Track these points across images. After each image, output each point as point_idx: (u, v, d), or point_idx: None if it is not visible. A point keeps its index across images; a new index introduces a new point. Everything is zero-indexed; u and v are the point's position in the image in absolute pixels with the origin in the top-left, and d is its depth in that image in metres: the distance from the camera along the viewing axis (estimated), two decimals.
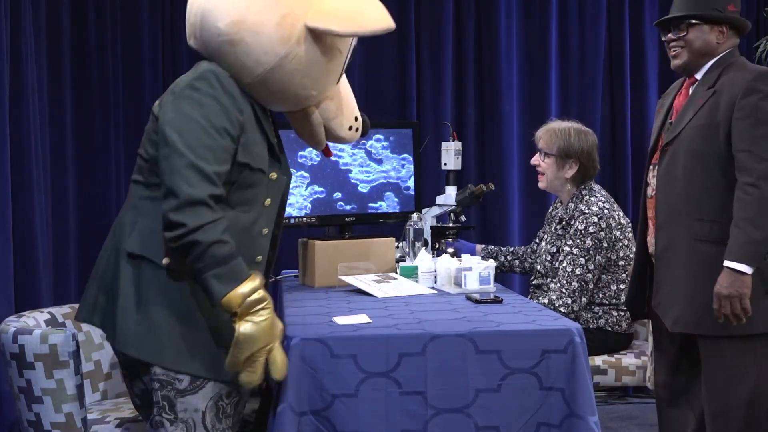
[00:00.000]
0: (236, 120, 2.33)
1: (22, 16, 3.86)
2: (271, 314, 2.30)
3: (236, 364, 2.26)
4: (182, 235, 2.21)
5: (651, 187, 2.98)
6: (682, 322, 2.86)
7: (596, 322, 3.60)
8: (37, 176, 3.95)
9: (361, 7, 2.39)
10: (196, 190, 2.22)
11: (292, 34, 2.35)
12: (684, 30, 2.89)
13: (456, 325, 2.60)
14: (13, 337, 2.58)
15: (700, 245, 2.82)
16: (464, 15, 4.97)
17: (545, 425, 2.50)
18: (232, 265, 2.25)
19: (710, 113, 2.81)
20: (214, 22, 2.37)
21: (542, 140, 3.75)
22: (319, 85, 2.49)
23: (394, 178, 3.72)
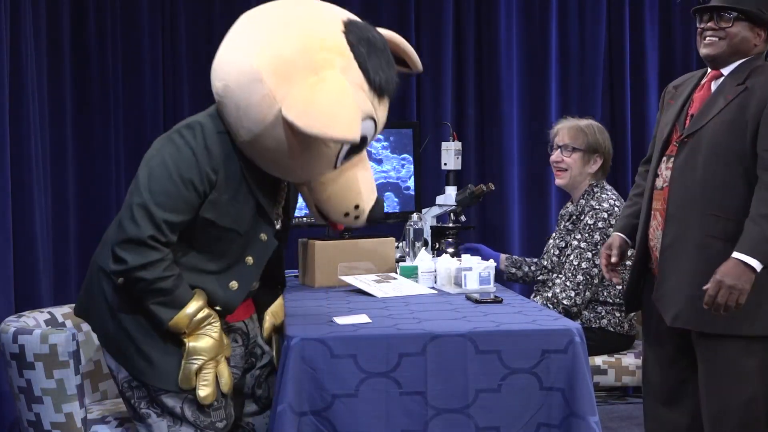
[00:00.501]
0: (206, 176, 2.40)
1: (22, 16, 3.85)
2: (219, 329, 2.46)
3: (188, 378, 2.43)
4: (123, 271, 2.37)
5: (662, 179, 2.89)
6: (683, 318, 2.81)
7: (598, 322, 3.60)
8: (37, 176, 3.94)
9: (336, 111, 2.33)
10: (140, 231, 2.34)
11: (267, 116, 2.36)
12: (729, 22, 2.82)
13: (456, 325, 2.60)
14: (13, 337, 2.58)
15: (711, 241, 2.77)
16: (464, 15, 4.97)
17: (545, 425, 2.50)
18: (176, 293, 2.40)
19: (739, 110, 2.76)
20: (214, 80, 2.47)
21: (566, 136, 3.73)
22: (302, 167, 2.47)
23: (394, 178, 3.72)
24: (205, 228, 2.44)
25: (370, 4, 4.89)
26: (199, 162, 2.39)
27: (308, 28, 2.41)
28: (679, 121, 2.91)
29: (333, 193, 2.54)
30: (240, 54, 2.42)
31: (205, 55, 4.73)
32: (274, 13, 2.50)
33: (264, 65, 2.36)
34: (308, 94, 2.32)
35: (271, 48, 2.38)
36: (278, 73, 2.35)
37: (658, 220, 2.90)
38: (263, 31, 2.44)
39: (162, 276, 2.37)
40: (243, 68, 2.38)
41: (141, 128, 4.58)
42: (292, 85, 2.34)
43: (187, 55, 4.71)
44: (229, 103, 2.41)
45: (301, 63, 2.35)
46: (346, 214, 2.57)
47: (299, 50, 2.37)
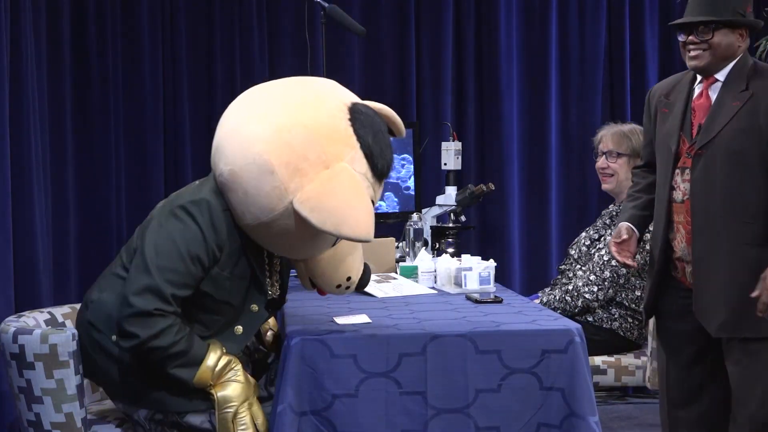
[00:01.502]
0: (212, 253, 2.44)
1: (22, 16, 3.85)
2: (242, 372, 2.50)
3: (227, 428, 2.45)
4: (137, 345, 2.40)
5: (681, 192, 2.87)
6: (729, 327, 2.81)
7: (610, 324, 3.60)
8: (37, 176, 3.94)
9: (349, 209, 2.35)
10: (147, 304, 2.38)
11: (277, 207, 2.38)
12: (709, 34, 2.83)
13: (456, 325, 2.60)
14: (13, 337, 2.58)
15: (744, 249, 2.77)
16: (464, 15, 4.97)
17: (545, 425, 2.50)
18: (192, 351, 2.44)
19: (750, 116, 2.77)
20: (219, 162, 2.46)
21: (610, 142, 3.73)
22: (304, 253, 2.57)
23: (394, 178, 3.72)
24: (201, 300, 2.49)
25: (371, 4, 4.90)
26: (207, 239, 2.43)
27: (315, 117, 2.41)
28: (684, 131, 2.88)
29: (327, 268, 2.64)
30: (246, 139, 2.40)
31: (205, 55, 4.75)
32: (278, 94, 2.49)
33: (274, 157, 2.36)
34: (321, 190, 2.34)
35: (281, 138, 2.37)
36: (290, 166, 2.35)
37: (681, 233, 2.89)
38: (270, 116, 2.42)
39: (175, 340, 2.41)
40: (253, 158, 2.37)
41: (141, 128, 4.58)
42: (304, 179, 2.35)
43: (187, 56, 4.72)
44: (237, 189, 2.41)
45: (312, 156, 2.36)
46: (338, 286, 2.67)
47: (309, 142, 2.37)
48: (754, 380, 2.81)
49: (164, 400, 2.51)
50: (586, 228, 3.87)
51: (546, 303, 3.62)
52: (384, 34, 4.92)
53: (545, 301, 3.63)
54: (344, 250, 2.63)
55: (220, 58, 4.76)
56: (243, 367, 2.53)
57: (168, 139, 4.65)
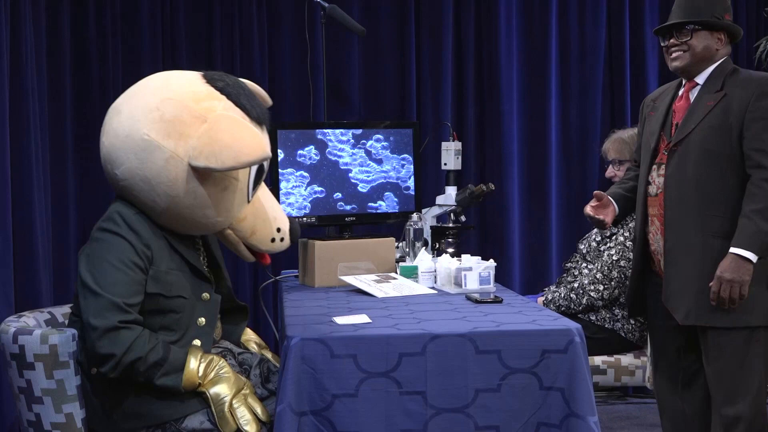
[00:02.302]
0: (143, 254, 2.53)
1: (22, 16, 3.85)
2: (228, 367, 2.55)
3: (226, 420, 2.49)
4: (117, 365, 2.44)
5: (655, 186, 3.05)
6: (694, 315, 2.95)
7: (612, 324, 3.60)
8: (37, 176, 3.94)
9: (237, 139, 2.49)
10: (108, 320, 2.42)
11: (179, 175, 2.52)
12: (687, 35, 3.01)
13: (456, 325, 2.60)
14: (13, 337, 2.58)
15: (712, 240, 2.93)
16: (464, 15, 4.97)
17: (545, 425, 2.50)
18: (171, 358, 2.49)
19: (722, 115, 2.93)
20: (112, 169, 2.60)
21: (612, 151, 3.82)
22: (223, 211, 2.63)
23: (394, 178, 3.72)
24: (155, 303, 2.55)
25: (371, 4, 4.90)
26: (132, 243, 2.52)
27: (175, 89, 2.58)
28: (665, 131, 3.06)
29: (255, 226, 2.70)
30: (125, 136, 2.56)
31: (205, 55, 4.75)
32: (135, 93, 2.64)
33: (154, 133, 2.52)
34: (208, 138, 2.49)
35: (152, 116, 2.54)
36: (170, 134, 2.51)
37: (656, 225, 3.06)
38: (134, 109, 2.58)
39: (151, 347, 2.47)
40: (137, 144, 2.53)
41: None
42: (189, 138, 2.50)
43: (187, 55, 4.71)
44: (138, 181, 2.55)
45: (186, 118, 2.52)
46: (272, 240, 2.74)
47: (179, 108, 2.53)
48: (722, 369, 2.94)
49: (160, 411, 2.52)
50: None
51: (551, 300, 3.64)
52: (384, 34, 4.92)
53: (550, 298, 3.65)
54: (261, 206, 2.72)
55: (221, 58, 4.75)
56: (228, 365, 2.58)
57: None
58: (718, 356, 2.94)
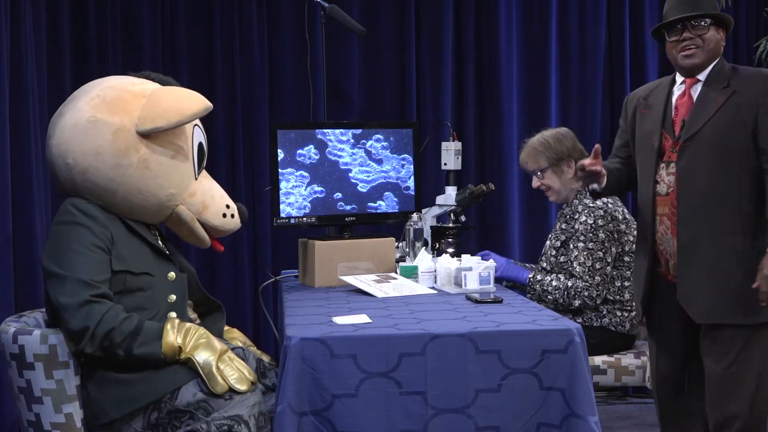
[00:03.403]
0: (103, 235, 2.60)
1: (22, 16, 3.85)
2: (206, 333, 2.60)
3: (217, 380, 2.52)
4: (92, 337, 2.47)
5: (665, 185, 2.99)
6: (712, 314, 2.91)
7: (600, 321, 3.60)
8: (37, 176, 3.94)
9: (177, 98, 2.70)
10: (78, 296, 2.47)
11: (128, 145, 2.64)
12: (703, 30, 2.94)
13: (456, 325, 2.60)
14: (13, 337, 2.57)
15: (727, 237, 2.90)
16: (464, 15, 4.97)
17: (545, 425, 2.50)
18: (146, 327, 2.53)
19: (734, 110, 2.89)
20: (64, 160, 2.67)
21: (529, 163, 3.75)
22: (174, 182, 2.74)
23: (394, 178, 3.72)
24: (123, 283, 2.59)
25: (371, 4, 4.89)
26: (90, 227, 2.58)
27: (110, 81, 2.77)
28: (666, 128, 3.00)
29: (205, 201, 2.83)
30: (71, 126, 2.67)
31: (205, 55, 4.75)
32: (71, 97, 2.77)
33: (99, 112, 2.65)
34: (150, 105, 2.66)
35: (93, 102, 2.67)
36: (113, 110, 2.65)
37: (666, 224, 3.00)
38: (75, 104, 2.71)
39: (123, 317, 2.50)
40: (84, 126, 2.64)
41: None
42: (132, 111, 2.66)
43: (187, 55, 4.71)
44: (90, 162, 2.64)
45: (127, 97, 2.68)
46: (224, 215, 2.86)
47: (118, 91, 2.70)
48: (727, 366, 2.92)
49: (150, 388, 2.53)
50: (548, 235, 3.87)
51: (540, 281, 3.58)
52: (384, 34, 4.92)
53: (538, 279, 3.59)
54: (208, 184, 2.86)
55: (221, 58, 4.75)
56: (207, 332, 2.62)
57: None
58: (721, 356, 2.92)
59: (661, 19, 3.12)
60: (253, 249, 4.80)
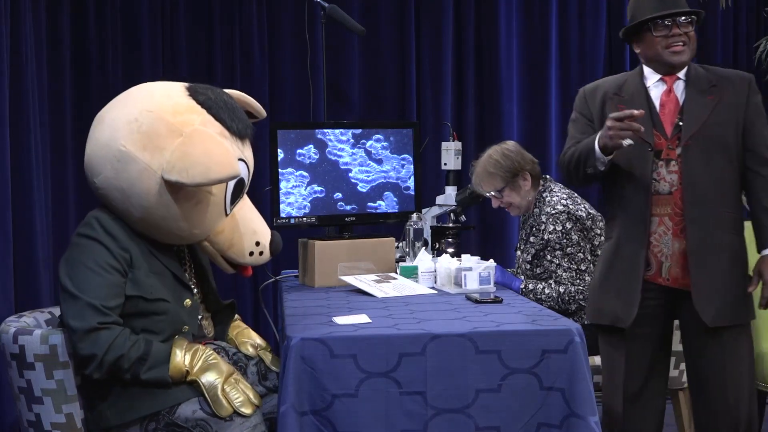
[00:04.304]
0: (121, 257, 2.56)
1: (22, 16, 3.85)
2: (215, 354, 2.58)
3: (221, 404, 2.51)
4: (99, 365, 2.46)
5: (667, 184, 2.91)
6: (722, 316, 2.89)
7: None
8: (37, 176, 3.95)
9: (209, 156, 2.50)
10: (87, 322, 2.45)
11: (152, 187, 2.55)
12: (690, 27, 2.92)
13: (456, 325, 2.60)
14: (13, 337, 2.57)
15: (728, 237, 2.91)
16: (464, 15, 4.97)
17: (545, 425, 2.50)
18: (154, 351, 2.51)
19: (727, 110, 2.90)
20: (91, 177, 2.65)
21: (485, 186, 3.67)
22: (197, 225, 2.65)
23: (394, 178, 3.72)
24: (136, 307, 2.56)
25: (371, 4, 4.89)
26: (109, 247, 2.55)
27: (157, 101, 2.61)
28: (656, 126, 2.93)
29: (233, 239, 2.73)
30: (104, 145, 2.59)
31: (205, 55, 4.75)
32: (118, 103, 2.68)
33: (130, 144, 2.55)
34: (181, 153, 2.51)
35: (131, 128, 2.56)
36: (146, 146, 2.54)
37: (666, 225, 2.92)
38: (116, 119, 2.61)
39: (132, 344, 2.49)
40: (113, 155, 2.56)
41: None
42: (164, 152, 2.52)
43: (187, 55, 4.72)
44: (113, 191, 2.59)
45: (162, 131, 2.54)
46: (251, 254, 2.76)
47: (156, 120, 2.56)
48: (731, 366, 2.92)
49: (150, 402, 2.53)
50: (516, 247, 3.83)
51: (532, 290, 3.56)
52: (384, 34, 4.92)
53: (531, 288, 3.56)
54: (243, 219, 2.75)
55: (221, 58, 4.76)
56: (214, 351, 2.61)
57: None
58: (725, 355, 2.91)
59: None
60: None
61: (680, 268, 2.91)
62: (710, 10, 5.04)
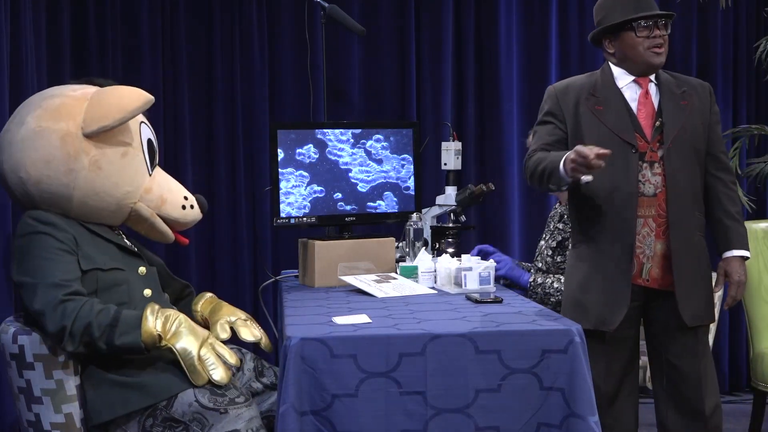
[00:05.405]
0: (65, 239, 2.60)
1: (22, 16, 3.85)
2: (186, 320, 2.57)
3: (197, 372, 2.51)
4: (71, 335, 2.46)
5: (652, 185, 2.94)
6: (700, 315, 3.01)
7: None
8: None
9: (119, 96, 2.71)
10: (51, 298, 2.47)
11: (77, 149, 2.66)
12: (668, 29, 2.99)
13: (456, 325, 2.60)
14: (13, 337, 2.58)
15: (701, 239, 3.03)
16: (464, 15, 4.97)
17: (545, 425, 2.50)
18: (123, 318, 2.51)
19: (697, 116, 3.00)
20: (17, 174, 2.68)
21: None
22: (128, 179, 2.75)
23: (394, 178, 3.72)
24: (95, 281, 2.60)
25: (371, 4, 4.89)
26: (51, 234, 2.58)
27: (50, 92, 2.78)
28: (636, 129, 2.95)
29: (163, 195, 2.84)
30: (17, 141, 2.68)
31: (205, 55, 4.75)
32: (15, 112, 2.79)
33: (42, 121, 2.67)
34: (93, 106, 2.68)
35: (37, 113, 2.69)
36: (57, 117, 2.67)
37: (650, 226, 2.96)
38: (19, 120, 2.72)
39: (99, 309, 2.50)
40: (31, 138, 2.66)
41: None
42: (77, 114, 2.67)
43: (187, 56, 4.72)
44: (42, 172, 2.64)
45: (69, 102, 2.70)
46: (183, 207, 2.88)
47: (60, 98, 2.72)
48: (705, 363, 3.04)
49: (149, 392, 2.53)
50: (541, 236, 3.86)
51: (541, 284, 3.59)
52: (384, 34, 4.92)
53: (539, 282, 3.60)
54: (163, 178, 2.88)
55: (220, 58, 4.76)
56: (188, 319, 2.61)
57: (168, 139, 4.65)
58: (698, 352, 3.02)
59: None
60: (253, 249, 4.81)
61: (660, 269, 2.98)
62: (710, 10, 5.05)
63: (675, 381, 3.05)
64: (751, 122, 5.08)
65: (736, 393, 5.23)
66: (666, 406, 3.07)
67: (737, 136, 4.82)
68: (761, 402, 3.91)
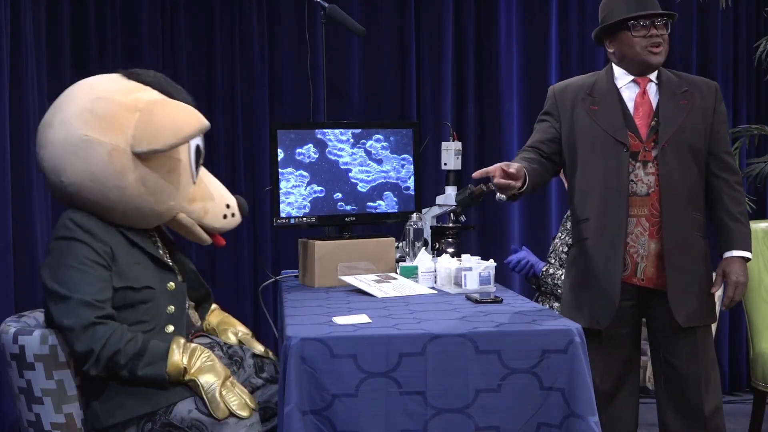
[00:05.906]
0: (102, 251, 2.56)
1: (22, 16, 3.86)
2: (212, 356, 2.57)
3: (219, 405, 2.50)
4: (96, 360, 2.46)
5: (645, 185, 2.95)
6: (695, 316, 2.99)
7: None
8: (37, 177, 3.94)
9: (173, 117, 2.59)
10: (82, 319, 2.45)
11: (124, 166, 2.58)
12: (665, 28, 2.97)
13: (456, 325, 2.60)
14: (13, 337, 2.57)
15: (699, 240, 3.00)
16: (464, 15, 4.97)
17: (545, 425, 2.50)
18: (151, 347, 2.51)
19: (698, 116, 2.97)
20: (58, 177, 2.62)
21: None
22: (172, 196, 2.69)
23: (394, 178, 3.72)
24: (125, 299, 2.58)
25: (370, 4, 4.89)
26: (89, 244, 2.54)
27: (101, 88, 2.66)
28: (630, 128, 2.96)
29: (205, 206, 2.79)
30: (62, 143, 2.60)
31: (205, 55, 4.75)
32: (60, 102, 2.70)
33: (89, 130, 2.57)
34: (144, 124, 2.56)
35: (84, 117, 2.59)
36: (106, 129, 2.57)
37: (643, 226, 2.97)
38: (64, 117, 2.62)
39: (128, 339, 2.49)
40: (76, 145, 2.57)
41: None
42: (125, 129, 2.57)
43: (187, 56, 4.72)
44: (85, 182, 2.58)
45: (117, 111, 2.59)
46: (224, 216, 2.83)
47: (108, 103, 2.60)
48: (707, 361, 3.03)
49: (146, 400, 2.53)
50: (552, 234, 3.88)
51: (551, 275, 3.63)
52: (384, 34, 4.92)
53: (551, 273, 3.65)
54: (206, 186, 2.82)
55: (220, 58, 4.76)
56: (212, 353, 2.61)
57: None
58: (698, 352, 3.00)
59: None
60: (253, 249, 4.81)
61: (655, 269, 2.98)
62: (710, 10, 5.05)
63: (674, 381, 3.05)
64: (751, 122, 5.08)
65: (736, 393, 5.23)
66: (666, 406, 3.08)
67: (737, 136, 4.82)
68: (761, 402, 3.91)
